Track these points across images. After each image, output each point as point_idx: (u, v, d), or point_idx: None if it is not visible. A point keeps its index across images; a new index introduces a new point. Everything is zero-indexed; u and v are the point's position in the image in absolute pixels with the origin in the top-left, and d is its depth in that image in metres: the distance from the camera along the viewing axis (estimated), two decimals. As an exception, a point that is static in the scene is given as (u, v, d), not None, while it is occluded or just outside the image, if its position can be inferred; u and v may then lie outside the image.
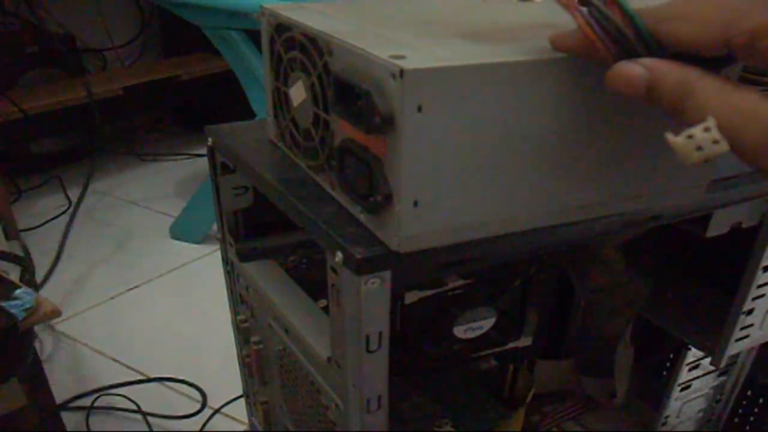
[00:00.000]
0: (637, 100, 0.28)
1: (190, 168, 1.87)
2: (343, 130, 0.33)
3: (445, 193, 0.31)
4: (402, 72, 0.27)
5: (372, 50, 0.30)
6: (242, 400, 0.64)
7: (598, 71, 0.30)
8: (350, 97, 0.31)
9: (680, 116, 0.27)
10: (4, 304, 0.72)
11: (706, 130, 0.27)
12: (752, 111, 0.25)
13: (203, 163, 0.47)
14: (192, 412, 0.99)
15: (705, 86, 0.26)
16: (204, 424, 0.97)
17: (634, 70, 0.28)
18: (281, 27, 0.38)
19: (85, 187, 1.56)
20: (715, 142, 0.27)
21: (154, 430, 0.97)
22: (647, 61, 0.28)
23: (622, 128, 0.34)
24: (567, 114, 0.32)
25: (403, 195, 0.30)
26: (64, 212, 1.56)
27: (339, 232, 0.33)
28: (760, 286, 0.50)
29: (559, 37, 0.31)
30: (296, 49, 0.36)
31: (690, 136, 0.27)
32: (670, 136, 0.27)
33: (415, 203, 0.31)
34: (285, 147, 0.43)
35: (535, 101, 0.31)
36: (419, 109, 0.28)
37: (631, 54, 0.29)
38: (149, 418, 0.98)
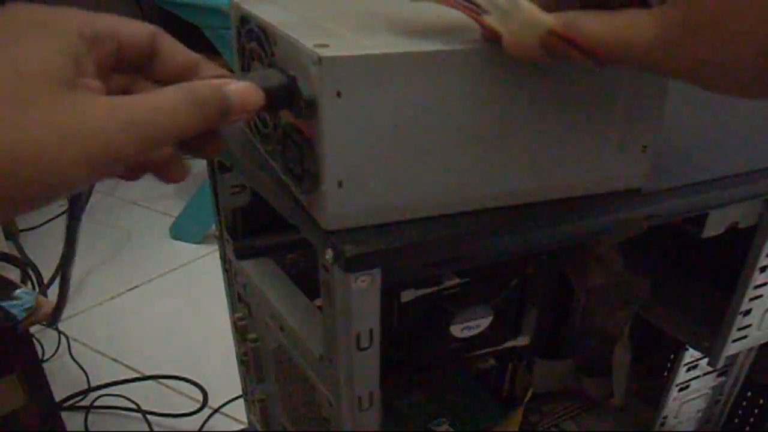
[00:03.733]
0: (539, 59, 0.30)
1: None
2: (286, 115, 0.35)
3: (370, 175, 0.33)
4: (320, 59, 0.29)
5: (302, 39, 0.31)
6: (243, 400, 0.64)
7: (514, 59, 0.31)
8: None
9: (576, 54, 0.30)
10: (4, 304, 0.72)
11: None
12: (632, 24, 0.28)
13: (203, 164, 0.47)
14: (192, 411, 0.99)
15: (587, 21, 0.29)
16: (203, 423, 0.97)
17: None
18: (243, 19, 0.39)
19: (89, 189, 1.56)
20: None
21: (154, 429, 0.97)
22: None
23: (546, 114, 0.35)
24: (488, 101, 0.33)
25: (328, 175, 0.32)
26: (64, 212, 1.56)
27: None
28: (757, 287, 0.49)
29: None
30: (254, 40, 0.38)
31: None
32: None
33: (340, 183, 0.32)
34: (251, 133, 0.44)
35: (452, 89, 0.32)
36: (338, 94, 0.30)
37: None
38: (149, 417, 0.98)
